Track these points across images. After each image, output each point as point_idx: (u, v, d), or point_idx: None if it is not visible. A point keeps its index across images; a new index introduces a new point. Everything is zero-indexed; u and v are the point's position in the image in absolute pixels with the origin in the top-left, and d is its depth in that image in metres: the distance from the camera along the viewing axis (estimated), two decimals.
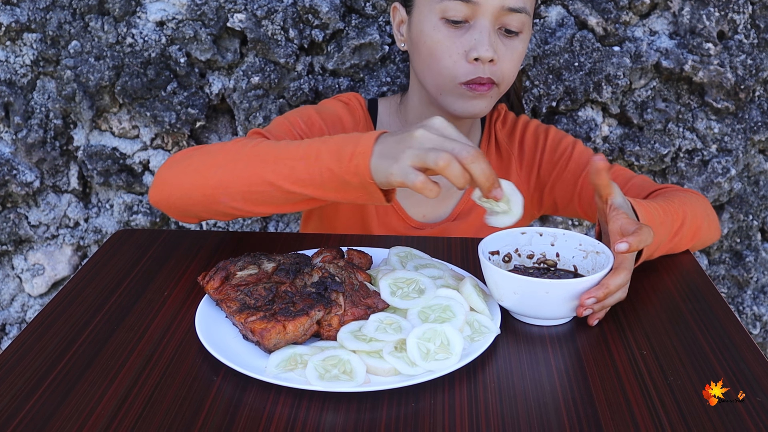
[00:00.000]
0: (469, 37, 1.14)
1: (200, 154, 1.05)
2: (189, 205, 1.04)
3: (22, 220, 1.68)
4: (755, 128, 1.58)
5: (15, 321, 1.77)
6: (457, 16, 1.13)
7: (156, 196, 1.09)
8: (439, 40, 1.15)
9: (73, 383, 0.79)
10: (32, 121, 1.58)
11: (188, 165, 1.04)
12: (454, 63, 1.15)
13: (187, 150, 1.09)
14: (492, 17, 1.13)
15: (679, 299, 0.98)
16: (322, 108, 1.29)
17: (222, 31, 1.53)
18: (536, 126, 1.36)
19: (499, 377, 0.80)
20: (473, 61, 1.14)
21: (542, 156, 1.33)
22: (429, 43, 1.16)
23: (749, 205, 1.66)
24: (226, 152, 1.01)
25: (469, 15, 1.13)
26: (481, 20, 1.13)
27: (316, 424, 0.72)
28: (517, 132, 1.36)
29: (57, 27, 1.52)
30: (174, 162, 1.07)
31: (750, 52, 1.52)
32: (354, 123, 1.30)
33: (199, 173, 1.02)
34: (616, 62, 1.52)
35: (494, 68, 1.15)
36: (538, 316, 0.90)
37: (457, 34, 1.14)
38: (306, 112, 1.27)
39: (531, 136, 1.35)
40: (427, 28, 1.16)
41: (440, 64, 1.16)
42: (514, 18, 1.14)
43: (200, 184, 1.01)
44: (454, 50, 1.15)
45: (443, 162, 0.83)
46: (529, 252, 1.00)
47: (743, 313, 1.73)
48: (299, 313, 0.83)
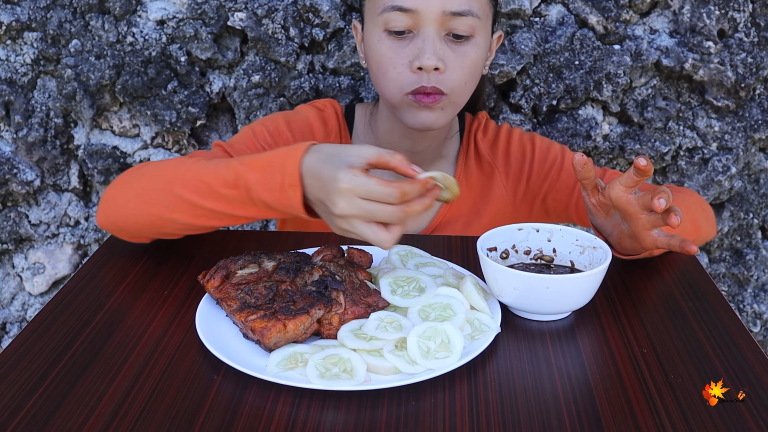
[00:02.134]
0: (413, 47, 1.10)
1: (139, 181, 1.04)
2: (138, 229, 1.05)
3: (23, 219, 1.68)
4: (755, 126, 1.58)
5: (15, 320, 1.77)
6: (398, 26, 1.10)
7: (103, 220, 1.09)
8: (384, 52, 1.12)
9: (73, 382, 0.79)
10: (33, 119, 1.58)
11: (129, 191, 1.04)
12: (399, 74, 1.11)
13: (129, 172, 1.08)
14: (435, 24, 1.09)
15: (680, 297, 0.98)
16: (294, 116, 1.27)
17: (222, 30, 1.53)
18: (520, 135, 1.32)
19: (500, 375, 0.80)
20: (417, 70, 1.10)
21: (531, 167, 1.30)
22: (376, 57, 1.14)
23: (749, 203, 1.66)
24: (164, 181, 1.00)
25: (411, 24, 1.10)
26: (424, 28, 1.09)
27: (316, 422, 0.72)
28: (500, 142, 1.32)
29: (57, 26, 1.52)
30: (118, 186, 1.07)
31: (750, 51, 1.52)
32: (325, 132, 1.28)
33: (142, 201, 1.02)
34: (616, 61, 1.52)
35: (440, 77, 1.10)
36: (538, 311, 0.90)
37: (401, 45, 1.11)
38: (274, 121, 1.25)
39: (517, 147, 1.31)
40: (373, 42, 1.14)
41: (386, 76, 1.13)
42: (461, 22, 1.09)
43: (144, 212, 1.01)
44: (398, 61, 1.11)
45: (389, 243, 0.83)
46: (526, 248, 1.00)
47: (743, 311, 1.73)
48: (299, 312, 0.83)
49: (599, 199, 1.00)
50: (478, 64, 1.15)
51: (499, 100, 1.60)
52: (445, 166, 1.31)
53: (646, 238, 0.97)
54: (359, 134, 1.31)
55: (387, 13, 1.09)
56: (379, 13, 1.11)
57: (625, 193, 0.95)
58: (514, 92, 1.57)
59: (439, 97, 1.12)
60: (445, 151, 1.31)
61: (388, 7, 1.09)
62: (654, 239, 0.96)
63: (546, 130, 1.59)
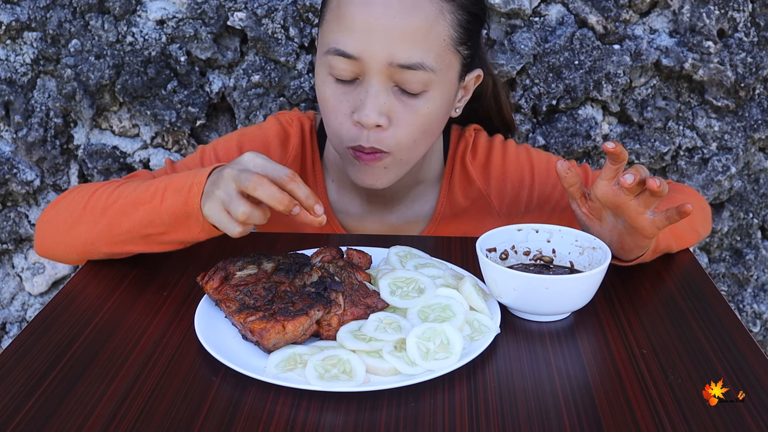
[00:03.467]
0: (356, 96, 0.99)
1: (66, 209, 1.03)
2: (72, 259, 1.07)
3: (23, 219, 1.68)
4: (755, 126, 1.58)
5: (15, 320, 1.77)
6: (342, 75, 0.99)
7: (40, 250, 1.10)
8: (327, 97, 1.02)
9: (73, 383, 0.79)
10: (32, 119, 1.58)
11: (57, 223, 1.04)
12: (340, 124, 1.01)
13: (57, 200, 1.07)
14: (380, 75, 0.97)
15: (679, 297, 0.98)
16: (250, 136, 1.18)
17: (222, 30, 1.53)
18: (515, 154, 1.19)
19: (499, 376, 0.80)
20: (357, 124, 1.00)
21: (531, 191, 1.19)
22: (321, 99, 1.04)
23: (749, 203, 1.65)
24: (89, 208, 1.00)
25: (356, 72, 0.98)
26: (368, 78, 0.98)
27: (315, 423, 0.72)
28: (493, 167, 1.18)
29: (57, 26, 1.52)
30: (46, 219, 1.07)
31: (750, 50, 1.51)
32: (282, 153, 1.17)
33: (69, 234, 1.02)
34: (616, 60, 1.52)
35: (383, 135, 0.99)
36: (537, 312, 0.90)
37: (345, 90, 1.00)
38: (226, 145, 1.17)
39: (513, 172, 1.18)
40: (319, 81, 1.03)
41: (329, 123, 1.03)
42: (411, 75, 0.97)
43: (71, 243, 1.03)
44: (340, 110, 1.01)
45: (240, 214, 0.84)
46: (525, 249, 1.00)
47: (743, 311, 1.73)
48: (299, 313, 0.83)
49: (589, 206, 0.96)
50: (433, 119, 1.03)
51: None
52: (424, 189, 1.21)
53: (643, 223, 0.90)
54: (330, 153, 1.19)
55: (331, 56, 0.99)
56: (324, 53, 1.01)
57: (609, 186, 0.90)
58: (514, 92, 1.57)
59: (380, 155, 1.02)
60: (424, 176, 1.19)
61: (331, 49, 0.99)
62: (652, 221, 0.90)
63: (546, 130, 1.59)
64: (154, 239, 0.98)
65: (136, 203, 0.96)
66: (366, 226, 1.20)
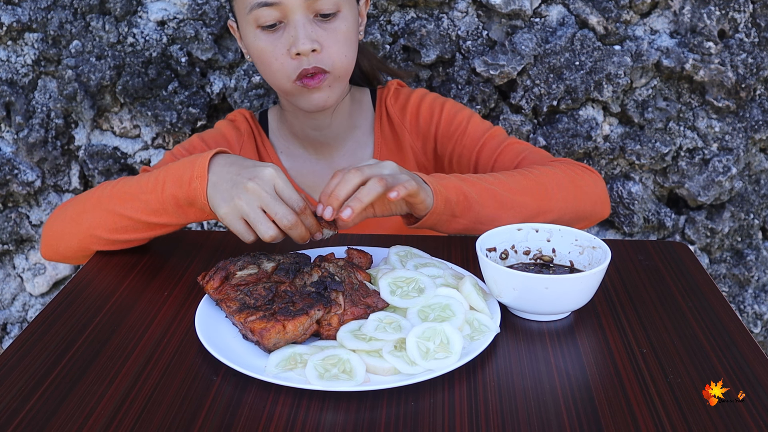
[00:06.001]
0: (287, 36, 1.15)
1: (73, 203, 1.15)
2: (74, 252, 1.15)
3: (24, 220, 1.68)
4: (756, 127, 1.58)
5: (16, 320, 1.77)
6: (268, 20, 1.14)
7: (45, 251, 1.20)
8: (263, 47, 1.17)
9: (73, 383, 0.79)
10: (33, 120, 1.59)
11: (64, 218, 1.15)
12: (281, 64, 1.16)
13: (66, 203, 1.19)
14: (301, 10, 1.13)
15: (680, 297, 0.98)
16: (208, 132, 1.34)
17: (223, 31, 1.53)
18: (433, 99, 1.36)
19: (499, 376, 0.80)
20: (296, 56, 1.15)
21: (437, 129, 1.34)
22: (256, 53, 1.18)
23: (750, 203, 1.65)
24: (92, 198, 1.12)
25: (279, 16, 1.14)
26: (292, 17, 1.14)
27: (315, 423, 0.72)
28: (410, 105, 1.35)
29: (58, 27, 1.52)
30: (53, 218, 1.18)
31: (751, 51, 1.51)
32: (238, 136, 1.34)
33: (73, 222, 1.13)
34: (616, 61, 1.52)
35: (319, 56, 1.15)
36: (537, 311, 0.90)
37: (276, 36, 1.15)
38: (190, 141, 1.31)
39: (427, 109, 1.35)
40: (250, 39, 1.18)
41: (271, 68, 1.17)
42: (325, 2, 1.14)
43: (74, 231, 1.12)
44: (277, 52, 1.16)
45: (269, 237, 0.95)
46: (525, 248, 1.00)
47: (744, 312, 1.73)
48: (299, 313, 0.83)
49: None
50: (352, 35, 1.20)
51: (499, 100, 1.60)
52: (360, 136, 1.36)
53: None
54: (275, 131, 1.37)
55: (255, 10, 1.14)
56: (248, 12, 1.15)
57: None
58: (515, 93, 1.57)
59: (323, 76, 1.16)
60: (358, 122, 1.36)
61: (254, 4, 1.13)
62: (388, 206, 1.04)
63: (546, 130, 1.59)
64: (157, 227, 1.07)
65: (138, 191, 1.06)
66: (318, 179, 1.35)
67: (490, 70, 1.52)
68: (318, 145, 1.34)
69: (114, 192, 1.09)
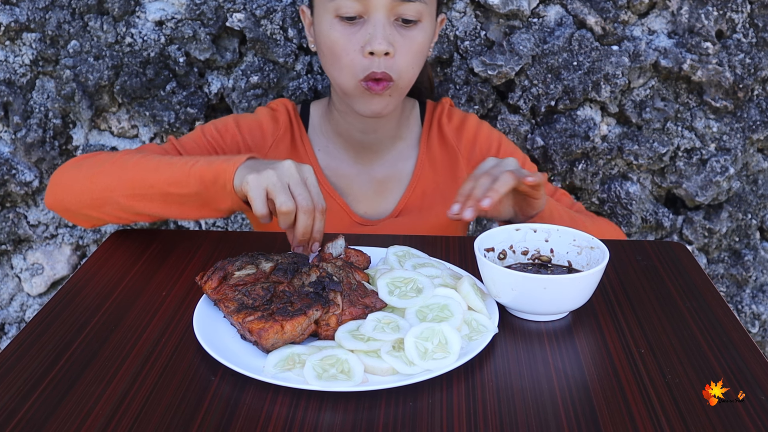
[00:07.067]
0: (364, 32, 1.14)
1: (92, 162, 1.14)
2: (80, 208, 1.14)
3: (21, 220, 1.68)
4: (754, 127, 1.58)
5: (14, 320, 1.77)
6: (349, 12, 1.13)
7: (50, 200, 1.18)
8: (336, 38, 1.15)
9: (71, 383, 0.79)
10: (31, 120, 1.58)
11: (79, 171, 1.14)
12: (351, 60, 1.15)
13: (80, 157, 1.18)
14: (385, 9, 1.12)
15: (678, 298, 0.98)
16: (245, 117, 1.33)
17: (221, 31, 1.53)
18: (489, 131, 1.37)
19: (497, 376, 0.80)
20: (369, 55, 1.13)
21: None
22: (328, 43, 1.17)
23: (748, 204, 1.66)
24: (115, 160, 1.11)
25: (361, 10, 1.13)
26: (374, 14, 1.13)
27: (314, 423, 0.72)
28: (466, 130, 1.35)
29: (56, 27, 1.52)
30: (67, 168, 1.17)
31: (748, 51, 1.52)
32: (275, 129, 1.32)
33: (89, 179, 1.12)
34: (614, 61, 1.52)
35: (390, 62, 1.14)
36: (535, 311, 0.90)
37: (352, 30, 1.14)
38: (224, 122, 1.31)
39: (484, 141, 1.35)
40: (324, 28, 1.17)
41: (340, 62, 1.16)
42: (409, 7, 1.13)
43: (89, 188, 1.11)
44: (350, 47, 1.15)
45: (285, 209, 0.96)
46: (523, 248, 1.00)
47: (742, 312, 1.73)
48: (297, 313, 0.83)
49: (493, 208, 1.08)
50: (425, 48, 1.19)
51: (497, 101, 1.60)
52: (404, 148, 1.35)
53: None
54: (315, 127, 1.35)
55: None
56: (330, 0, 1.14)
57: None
58: (513, 93, 1.57)
59: (388, 84, 1.16)
60: (404, 134, 1.36)
61: None
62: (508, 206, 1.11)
63: (544, 130, 1.59)
64: (173, 198, 1.06)
65: (166, 163, 1.07)
66: (353, 184, 1.34)
67: (488, 70, 1.52)
68: (360, 149, 1.33)
69: (141, 159, 1.09)
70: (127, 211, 1.10)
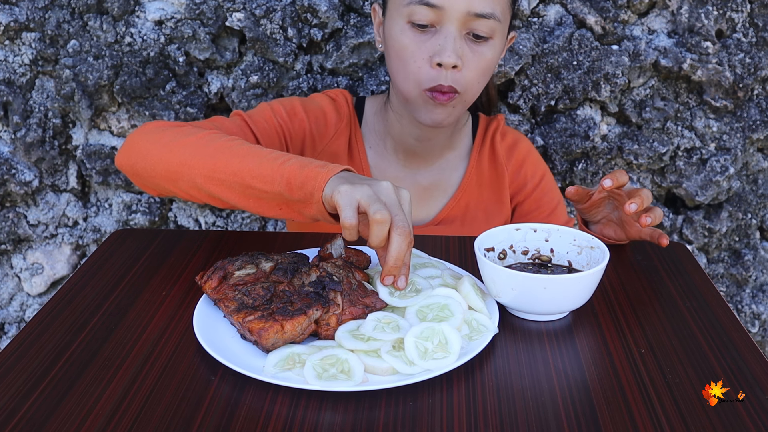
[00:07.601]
0: (434, 42, 1.13)
1: (174, 132, 1.07)
2: (152, 176, 1.07)
3: (21, 220, 1.68)
4: (754, 127, 1.58)
5: (14, 320, 1.77)
6: (422, 20, 1.12)
7: (122, 160, 1.12)
8: (406, 44, 1.14)
9: (71, 382, 0.79)
10: (31, 120, 1.58)
11: (159, 138, 1.07)
12: (418, 68, 1.14)
13: (161, 123, 1.12)
14: (458, 22, 1.11)
15: (678, 297, 0.98)
16: (309, 102, 1.31)
17: (221, 31, 1.53)
18: (537, 160, 1.38)
19: (497, 376, 0.80)
20: (436, 66, 1.13)
21: (527, 195, 1.36)
22: (397, 47, 1.16)
23: (748, 203, 1.66)
24: (200, 137, 1.04)
25: (435, 20, 1.12)
26: (447, 25, 1.12)
27: (314, 423, 0.72)
28: (517, 153, 1.36)
29: (56, 26, 1.52)
30: (146, 132, 1.10)
31: (748, 51, 1.52)
32: (338, 119, 1.31)
33: (168, 149, 1.04)
34: (614, 61, 1.52)
35: (457, 75, 1.13)
36: (535, 311, 0.90)
37: (423, 38, 1.13)
38: (291, 103, 1.29)
39: (530, 168, 1.36)
40: (395, 31, 1.16)
41: (406, 68, 1.15)
42: (483, 24, 1.12)
43: (167, 159, 1.04)
44: (419, 55, 1.14)
45: (380, 217, 0.85)
46: (523, 248, 1.00)
47: (742, 312, 1.73)
48: (297, 313, 0.83)
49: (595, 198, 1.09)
50: (492, 65, 1.19)
51: (497, 100, 1.60)
52: (454, 158, 1.35)
53: (632, 227, 1.09)
54: (369, 124, 1.34)
55: (414, 5, 1.12)
56: (406, 5, 1.13)
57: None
58: (513, 92, 1.57)
59: (454, 95, 1.15)
60: (456, 145, 1.35)
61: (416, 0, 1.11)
62: (638, 230, 1.08)
63: (544, 130, 1.59)
64: (253, 192, 0.98)
65: (255, 153, 0.99)
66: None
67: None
68: (411, 154, 1.32)
69: (228, 143, 1.02)
70: (201, 191, 1.03)
